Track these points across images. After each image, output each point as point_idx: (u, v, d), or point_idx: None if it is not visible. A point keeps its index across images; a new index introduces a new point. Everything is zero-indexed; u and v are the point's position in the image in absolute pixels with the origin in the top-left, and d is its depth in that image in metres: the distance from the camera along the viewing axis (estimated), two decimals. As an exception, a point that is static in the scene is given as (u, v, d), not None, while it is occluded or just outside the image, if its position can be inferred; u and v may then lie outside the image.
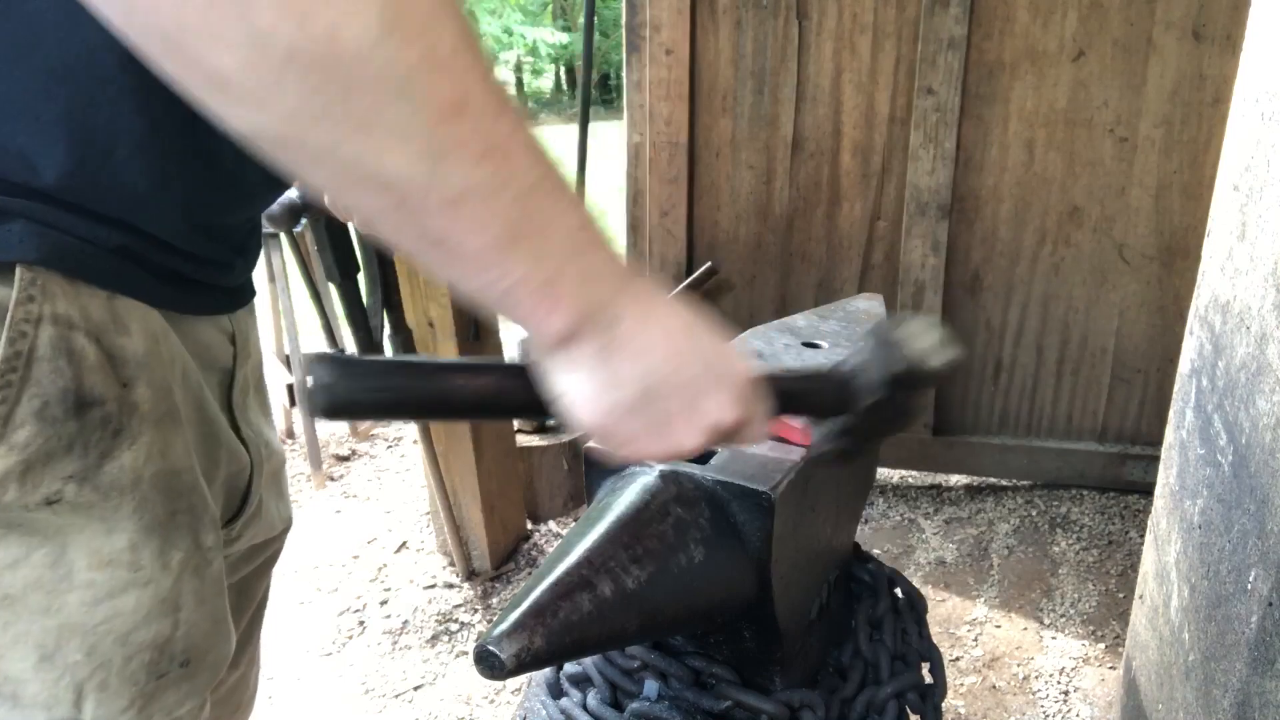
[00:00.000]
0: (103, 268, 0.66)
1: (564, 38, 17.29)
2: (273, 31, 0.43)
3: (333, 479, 3.18)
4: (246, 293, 0.89)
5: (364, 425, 3.49)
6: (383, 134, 0.47)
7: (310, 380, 0.59)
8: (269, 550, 1.04)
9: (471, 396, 0.64)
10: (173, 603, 0.74)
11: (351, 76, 0.45)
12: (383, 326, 2.12)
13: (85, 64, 0.62)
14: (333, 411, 0.60)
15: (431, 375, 0.64)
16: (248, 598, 1.03)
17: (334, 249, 1.96)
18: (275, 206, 1.58)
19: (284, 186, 0.87)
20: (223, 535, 0.89)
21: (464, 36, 0.48)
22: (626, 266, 0.61)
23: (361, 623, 2.41)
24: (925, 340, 0.77)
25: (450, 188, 0.50)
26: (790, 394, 0.75)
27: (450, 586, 2.54)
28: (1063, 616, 2.41)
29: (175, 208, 0.71)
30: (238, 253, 0.83)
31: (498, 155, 0.51)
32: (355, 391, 0.60)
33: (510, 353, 2.77)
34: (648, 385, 0.60)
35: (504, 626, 0.70)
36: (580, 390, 0.60)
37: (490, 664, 0.70)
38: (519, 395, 0.63)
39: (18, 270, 0.61)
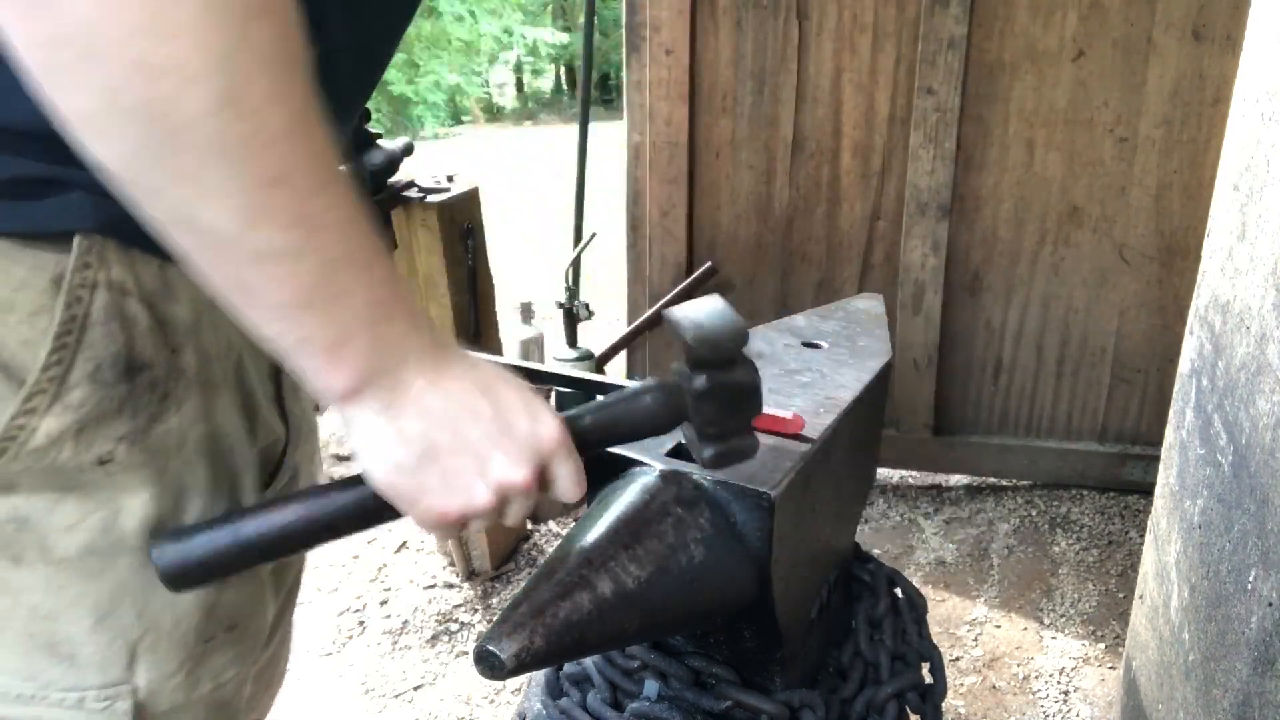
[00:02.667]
0: (154, 236, 0.69)
1: (564, 38, 17.27)
2: (126, 89, 0.50)
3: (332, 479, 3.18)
4: None
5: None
6: (204, 190, 0.54)
7: (151, 558, 0.66)
8: None
9: (306, 525, 0.69)
10: None
11: (182, 138, 0.52)
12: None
13: None
14: (181, 583, 0.67)
15: (263, 516, 0.69)
16: (281, 578, 1.05)
17: (334, 249, 1.95)
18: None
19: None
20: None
21: (299, 116, 0.55)
22: (429, 336, 0.66)
23: (361, 623, 2.41)
24: (706, 317, 0.77)
25: (257, 246, 0.56)
26: (602, 425, 0.75)
27: (450, 586, 2.54)
28: (1063, 616, 2.41)
29: None
30: None
31: (307, 225, 0.57)
32: (194, 557, 0.66)
33: (511, 352, 2.77)
34: (431, 442, 0.65)
35: (504, 626, 0.71)
36: (368, 446, 0.65)
37: (490, 664, 0.70)
38: (350, 507, 0.69)
39: (76, 238, 0.64)
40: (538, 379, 1.03)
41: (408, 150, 2.25)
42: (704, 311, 0.77)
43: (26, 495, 0.67)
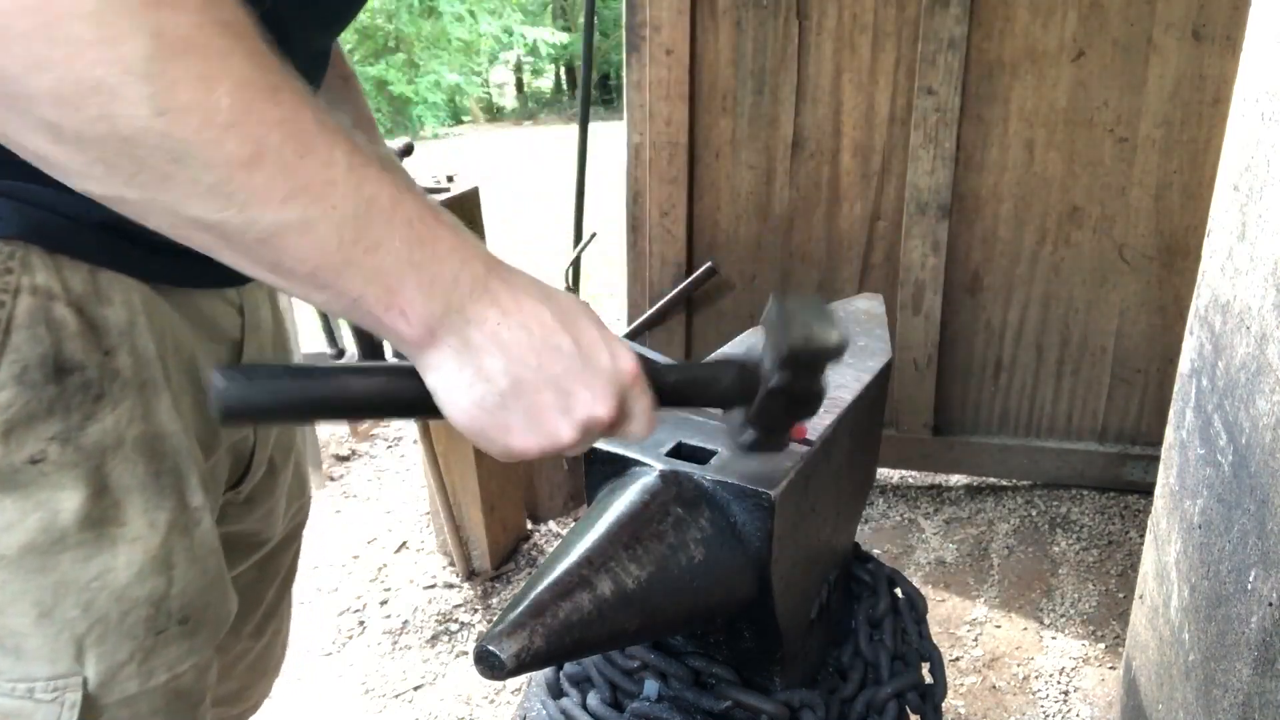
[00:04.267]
0: (85, 242, 0.69)
1: (564, 38, 17.27)
2: (59, 122, 0.48)
3: (332, 479, 3.18)
4: None
5: (363, 425, 3.49)
6: (186, 191, 0.51)
7: (212, 389, 0.61)
8: (292, 523, 1.07)
9: (362, 397, 0.66)
10: (164, 560, 0.76)
11: (138, 152, 0.49)
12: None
13: None
14: (233, 416, 0.62)
15: (324, 379, 0.65)
16: (271, 570, 1.06)
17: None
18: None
19: None
20: (231, 497, 0.93)
21: (245, 93, 0.51)
22: (489, 264, 0.62)
23: (361, 623, 2.41)
24: (812, 320, 0.76)
25: (264, 228, 0.53)
26: (681, 385, 0.75)
27: (450, 586, 2.54)
28: (1063, 616, 2.41)
29: None
30: None
31: (306, 193, 0.53)
32: (253, 397, 0.62)
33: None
34: (514, 378, 0.61)
35: (504, 626, 0.70)
36: (448, 388, 0.61)
37: (490, 664, 0.69)
38: (408, 394, 0.64)
39: None
40: None
41: (407, 150, 2.25)
42: (813, 315, 0.77)
43: None
